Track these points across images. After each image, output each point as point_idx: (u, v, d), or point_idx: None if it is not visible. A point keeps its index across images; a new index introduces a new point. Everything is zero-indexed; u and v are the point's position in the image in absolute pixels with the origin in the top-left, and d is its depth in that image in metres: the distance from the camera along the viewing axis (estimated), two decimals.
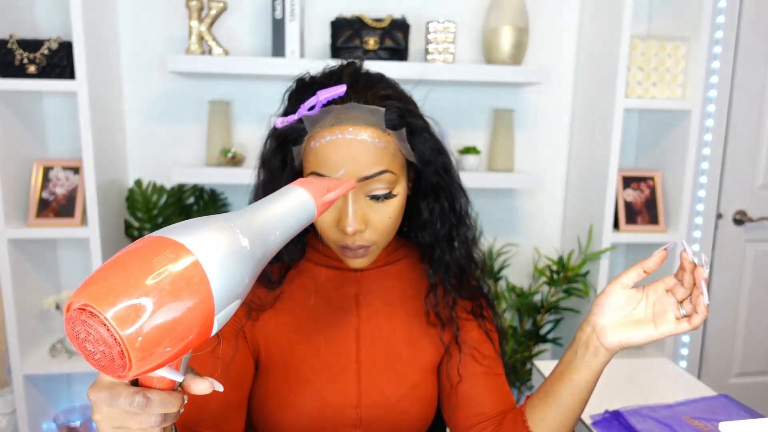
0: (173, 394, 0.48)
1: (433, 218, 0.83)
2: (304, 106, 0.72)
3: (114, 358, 0.40)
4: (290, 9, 1.69)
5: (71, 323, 0.40)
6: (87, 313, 0.39)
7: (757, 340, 2.26)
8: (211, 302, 0.43)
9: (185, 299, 0.41)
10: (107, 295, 0.39)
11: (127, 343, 0.39)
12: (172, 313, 0.40)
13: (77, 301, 0.40)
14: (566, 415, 0.73)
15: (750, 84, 2.08)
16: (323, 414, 0.82)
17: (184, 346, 0.43)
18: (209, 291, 0.42)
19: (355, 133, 0.71)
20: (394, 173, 0.74)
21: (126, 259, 0.41)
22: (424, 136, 0.77)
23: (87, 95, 1.57)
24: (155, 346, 0.40)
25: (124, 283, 0.39)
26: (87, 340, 0.40)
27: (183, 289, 0.41)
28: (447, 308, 0.86)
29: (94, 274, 0.41)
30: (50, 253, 1.85)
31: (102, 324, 0.39)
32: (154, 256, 0.41)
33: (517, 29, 1.76)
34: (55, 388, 1.90)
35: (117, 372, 0.41)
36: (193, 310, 0.42)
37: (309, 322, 0.84)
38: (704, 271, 0.64)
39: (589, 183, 1.92)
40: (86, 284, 0.40)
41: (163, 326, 0.40)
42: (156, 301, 0.40)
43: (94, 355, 0.40)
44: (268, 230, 0.49)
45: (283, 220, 0.51)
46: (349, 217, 0.72)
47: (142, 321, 0.39)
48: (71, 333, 0.41)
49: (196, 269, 0.42)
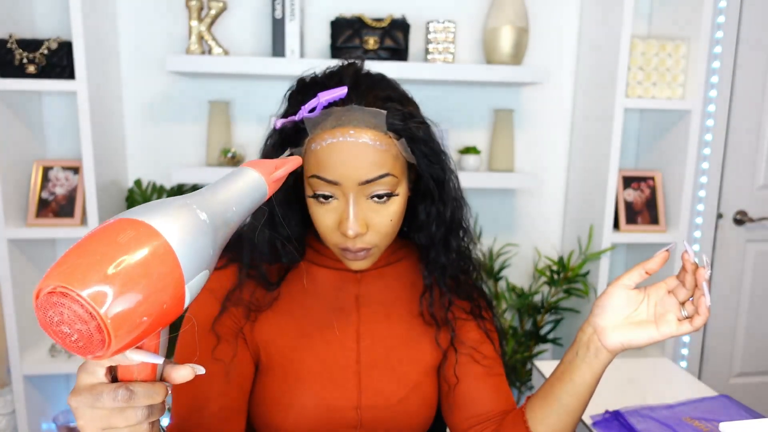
0: (156, 383, 0.48)
1: (430, 220, 0.83)
2: (304, 108, 0.71)
3: (92, 333, 0.41)
4: (290, 9, 1.69)
5: (43, 309, 0.41)
6: (58, 294, 0.40)
7: (757, 340, 2.26)
8: (178, 270, 0.44)
9: (154, 269, 0.43)
10: (75, 273, 0.40)
11: (102, 315, 0.40)
12: (143, 281, 0.42)
13: (46, 286, 0.40)
14: (567, 415, 0.73)
15: (750, 84, 2.08)
16: (323, 415, 0.82)
17: (159, 315, 0.44)
18: (176, 260, 0.44)
19: (356, 135, 0.71)
20: (396, 176, 0.74)
21: (89, 240, 0.43)
22: (424, 139, 0.76)
23: (87, 95, 1.57)
24: (131, 315, 0.41)
25: (91, 260, 0.41)
26: (62, 322, 0.41)
27: (150, 260, 0.43)
28: (442, 309, 0.86)
29: (60, 259, 0.42)
30: (50, 253, 1.85)
31: (75, 301, 0.40)
32: (117, 234, 0.43)
33: (517, 29, 1.76)
34: (55, 388, 1.89)
35: (97, 349, 0.42)
36: (163, 279, 0.43)
37: (309, 323, 0.84)
38: (706, 272, 0.64)
39: (589, 183, 1.92)
40: (53, 269, 0.41)
41: (136, 295, 0.41)
42: (126, 272, 0.41)
43: (71, 337, 0.41)
44: (224, 206, 0.51)
45: (239, 198, 0.53)
46: (350, 220, 0.72)
47: (114, 291, 0.40)
48: (44, 320, 0.41)
49: (159, 240, 0.44)
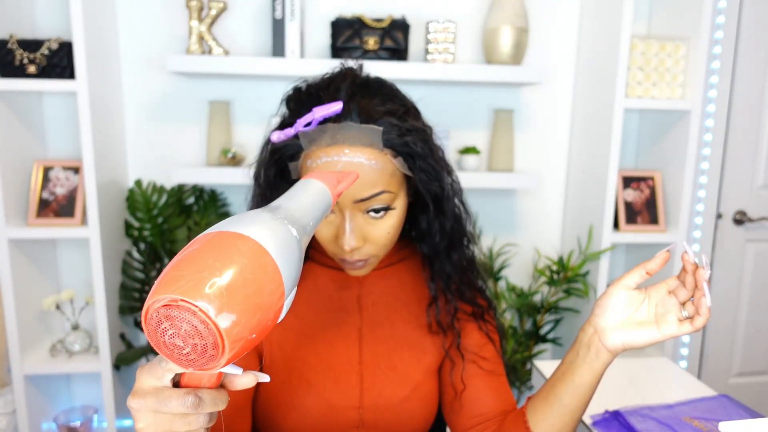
0: (221, 390, 0.48)
1: (432, 232, 0.83)
2: (300, 122, 0.71)
3: (207, 349, 0.41)
4: (290, 9, 1.69)
5: (155, 322, 0.41)
6: (175, 308, 0.40)
7: (757, 340, 2.26)
8: (282, 288, 0.45)
9: (266, 287, 0.43)
10: (197, 287, 0.40)
11: (223, 332, 0.40)
12: (256, 300, 0.42)
13: (162, 297, 0.40)
14: (567, 416, 0.73)
15: (750, 84, 2.08)
16: (326, 415, 0.82)
17: (264, 331, 0.44)
18: (280, 277, 0.44)
19: (351, 155, 0.70)
20: (392, 192, 0.73)
21: (199, 253, 0.42)
22: (422, 153, 0.74)
23: (87, 95, 1.57)
24: (246, 332, 0.42)
25: (210, 274, 0.40)
26: (177, 336, 0.40)
27: (262, 277, 0.43)
28: (448, 315, 0.86)
29: (170, 270, 0.41)
30: (50, 253, 1.85)
31: (196, 315, 0.40)
32: (228, 248, 0.42)
33: (517, 29, 1.76)
34: (55, 388, 1.90)
35: (207, 363, 0.42)
36: (271, 296, 0.44)
37: (312, 324, 0.84)
38: (705, 272, 0.64)
39: (589, 183, 1.92)
40: (168, 280, 0.40)
41: (250, 313, 0.42)
42: (242, 290, 0.41)
43: (183, 350, 0.41)
44: (305, 221, 0.52)
45: (313, 211, 0.54)
46: (346, 236, 0.72)
47: (233, 310, 0.40)
48: (154, 332, 0.41)
49: (267, 258, 0.44)
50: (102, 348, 1.70)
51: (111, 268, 1.76)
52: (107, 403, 1.73)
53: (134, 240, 1.84)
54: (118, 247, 1.81)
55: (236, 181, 1.74)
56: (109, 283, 1.72)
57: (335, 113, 0.71)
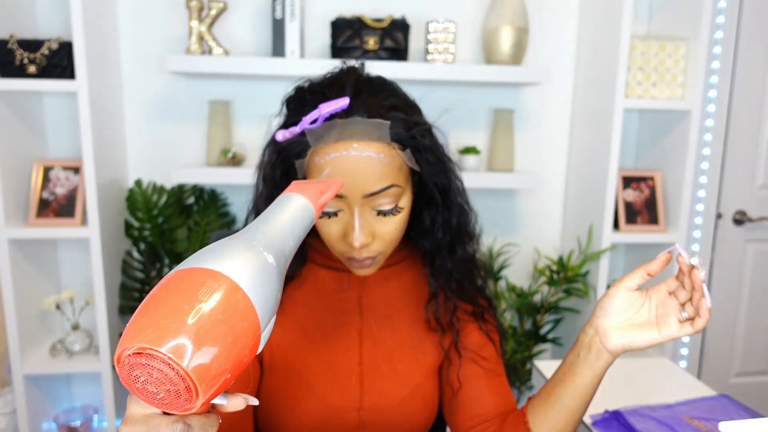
0: (210, 416, 0.48)
1: (435, 227, 0.83)
2: (306, 120, 0.71)
3: (180, 393, 0.40)
4: (290, 9, 1.69)
5: (127, 369, 0.40)
6: (146, 356, 0.39)
7: (757, 340, 2.26)
8: (257, 323, 0.44)
9: (237, 325, 0.42)
10: (163, 335, 0.39)
11: (194, 378, 0.40)
12: (228, 340, 0.41)
13: (131, 346, 0.40)
14: (568, 416, 0.73)
15: (750, 84, 2.08)
16: (326, 417, 0.82)
17: (239, 367, 0.44)
18: (254, 312, 0.44)
19: (359, 149, 0.70)
20: (400, 186, 0.73)
21: (167, 294, 0.42)
22: (428, 147, 0.76)
23: (87, 95, 1.57)
24: (219, 374, 0.41)
25: (177, 319, 0.40)
26: (149, 382, 0.40)
27: (233, 316, 0.42)
28: (448, 313, 0.86)
29: (138, 315, 0.41)
30: (50, 253, 1.85)
31: (165, 363, 0.39)
32: (197, 287, 0.42)
33: (517, 29, 1.76)
34: (55, 388, 1.90)
35: (183, 406, 0.41)
36: (245, 334, 0.43)
37: (312, 326, 0.84)
38: (700, 272, 0.64)
39: (589, 183, 1.92)
40: (135, 328, 0.40)
41: (222, 354, 0.41)
42: (212, 331, 0.40)
43: (157, 395, 0.41)
44: (283, 243, 0.50)
45: (293, 230, 0.52)
46: (355, 232, 0.72)
47: (204, 353, 0.40)
48: (127, 378, 0.41)
49: (239, 294, 0.43)
50: (102, 348, 1.70)
51: (111, 268, 1.76)
52: (107, 403, 1.73)
53: (134, 240, 1.84)
54: (118, 247, 1.81)
55: (236, 181, 1.74)
56: (109, 283, 1.72)
57: (342, 108, 0.71)
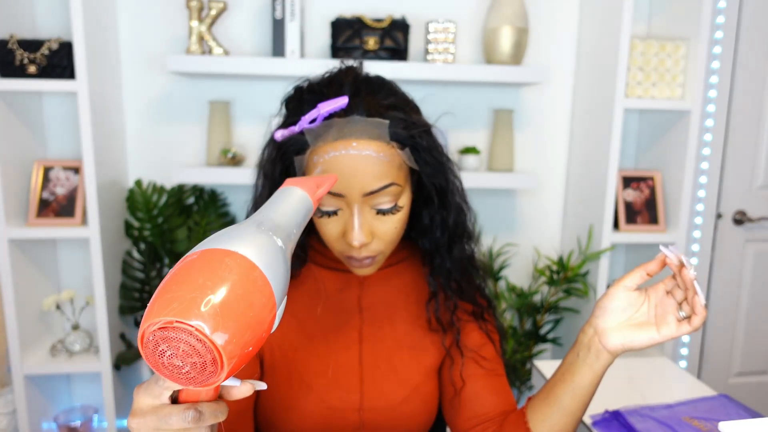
0: (220, 402, 0.49)
1: (434, 226, 0.83)
2: (305, 119, 0.71)
3: (206, 366, 0.42)
4: (290, 9, 1.69)
5: (152, 344, 0.42)
6: (171, 329, 0.41)
7: (757, 340, 2.26)
8: (273, 299, 0.46)
9: (257, 300, 0.44)
10: (190, 307, 0.41)
11: (221, 348, 0.41)
12: (249, 313, 0.43)
13: (157, 320, 0.41)
14: (567, 416, 0.73)
15: (750, 84, 2.08)
16: (326, 417, 0.82)
17: (259, 342, 0.45)
18: (271, 289, 0.46)
19: (359, 148, 0.70)
20: (399, 185, 0.73)
21: (189, 272, 0.43)
22: (427, 146, 0.76)
23: (87, 95, 1.57)
24: (243, 347, 0.43)
25: (201, 293, 0.41)
26: (175, 356, 0.42)
27: (253, 292, 0.44)
28: (448, 312, 0.86)
29: (161, 293, 0.42)
30: (50, 253, 1.85)
31: (192, 335, 0.41)
32: (217, 265, 0.44)
33: (517, 29, 1.76)
34: (55, 388, 1.90)
35: (207, 379, 0.43)
36: (263, 308, 0.45)
37: (312, 326, 0.84)
38: (690, 271, 0.64)
39: (589, 183, 1.92)
40: (160, 304, 0.41)
41: (244, 326, 0.43)
42: (234, 306, 0.42)
43: (182, 369, 0.42)
44: (288, 229, 0.53)
45: (295, 218, 0.55)
46: (355, 231, 0.72)
47: (228, 325, 0.41)
48: (152, 354, 0.42)
49: (256, 272, 0.45)
50: (102, 348, 1.70)
51: (111, 268, 1.76)
52: (107, 403, 1.73)
53: (134, 240, 1.84)
54: (118, 247, 1.82)
55: (236, 181, 1.74)
56: (109, 283, 1.72)
57: (341, 108, 0.71)
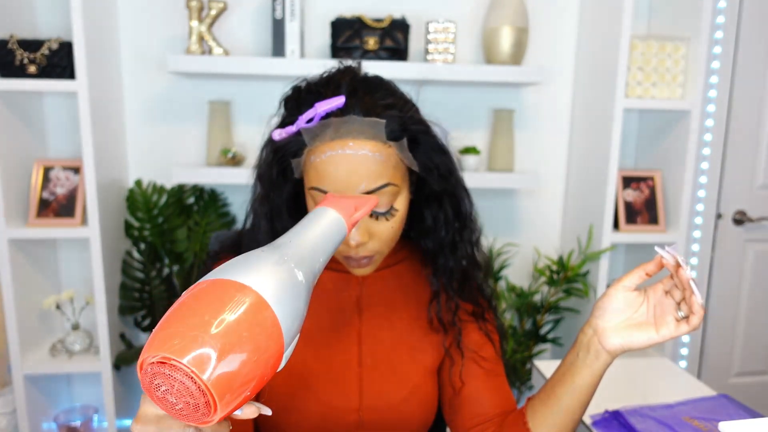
0: (222, 423, 0.48)
1: (437, 226, 0.83)
2: (302, 119, 0.71)
3: (199, 407, 0.40)
4: (290, 9, 1.69)
5: (149, 377, 0.40)
6: (169, 366, 0.39)
7: (757, 340, 2.26)
8: (281, 341, 0.43)
9: (262, 343, 0.41)
10: (189, 347, 0.39)
11: (215, 393, 0.39)
12: (252, 358, 0.41)
13: (155, 354, 0.39)
14: (567, 417, 0.73)
15: (750, 84, 2.08)
16: (325, 417, 0.82)
17: (259, 386, 0.43)
18: (280, 331, 0.43)
19: (355, 148, 0.70)
20: (396, 185, 0.73)
21: (195, 305, 0.41)
22: (425, 144, 0.76)
23: (87, 95, 1.57)
24: (240, 391, 0.41)
25: (203, 332, 0.39)
26: (169, 392, 0.40)
27: (260, 334, 0.41)
28: (449, 313, 0.86)
29: (165, 324, 0.40)
30: (50, 253, 1.85)
31: (187, 376, 0.39)
32: (225, 300, 0.41)
33: (517, 29, 1.76)
34: (55, 388, 1.90)
35: (200, 419, 0.41)
36: (268, 352, 0.42)
37: (311, 326, 0.84)
38: (686, 270, 0.64)
39: (589, 183, 1.92)
40: (161, 337, 0.40)
41: (245, 371, 0.40)
42: (237, 348, 0.40)
43: (176, 406, 0.40)
44: (315, 259, 0.49)
45: (324, 245, 0.51)
46: (352, 231, 0.72)
47: (227, 368, 0.39)
48: (148, 386, 0.40)
49: (267, 312, 0.42)
50: (102, 348, 1.70)
51: (111, 268, 1.76)
52: (107, 403, 1.73)
53: (134, 240, 1.84)
54: (118, 247, 1.82)
55: (236, 181, 1.74)
56: (109, 283, 1.72)
57: (338, 107, 0.71)
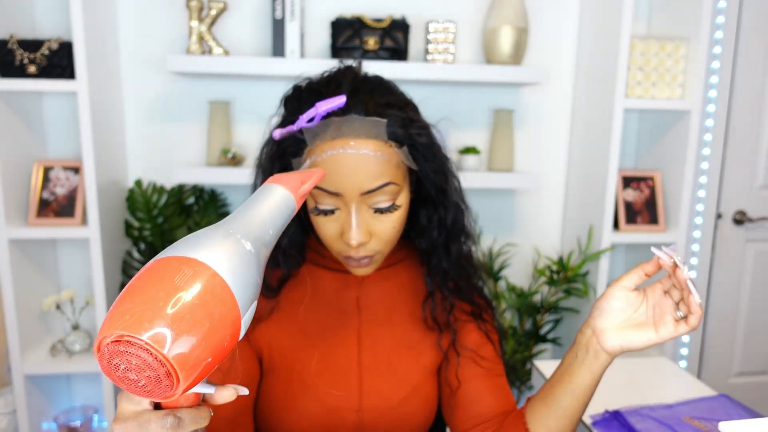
0: (201, 408, 0.48)
1: (432, 226, 0.83)
2: (303, 118, 0.71)
3: (161, 379, 0.41)
4: (290, 9, 1.69)
5: (107, 358, 0.41)
6: (124, 343, 0.40)
7: (757, 340, 2.26)
8: (236, 307, 0.44)
9: (215, 309, 0.43)
10: (141, 321, 0.40)
11: (174, 363, 0.40)
12: (206, 324, 0.42)
13: (110, 334, 0.40)
14: (566, 417, 0.73)
15: (750, 84, 2.08)
16: (325, 417, 0.82)
17: (220, 353, 0.44)
18: (233, 297, 0.44)
19: (356, 147, 0.70)
20: (397, 184, 0.73)
21: (145, 283, 0.42)
22: (425, 145, 0.76)
23: (87, 95, 1.57)
24: (199, 359, 0.42)
25: (153, 305, 0.40)
26: (129, 370, 0.41)
27: (210, 301, 0.42)
28: (444, 313, 0.86)
29: (117, 304, 0.41)
30: (50, 253, 1.85)
31: (143, 349, 0.40)
32: (173, 274, 0.42)
33: (517, 29, 1.76)
34: (55, 388, 1.90)
35: (164, 393, 0.42)
36: (224, 318, 0.43)
37: (311, 326, 0.84)
38: (682, 271, 0.64)
39: (589, 183, 1.92)
40: (113, 316, 0.41)
41: (201, 338, 0.41)
42: (189, 317, 0.41)
43: (138, 383, 0.41)
44: (262, 231, 0.51)
45: (273, 219, 0.53)
46: (352, 230, 0.72)
47: (182, 338, 0.40)
48: (108, 368, 0.41)
49: (216, 280, 0.43)
50: None
51: (111, 268, 1.76)
52: (107, 403, 1.73)
53: (134, 240, 1.84)
54: (118, 247, 1.82)
55: (236, 181, 1.74)
56: (109, 283, 1.72)
57: (339, 106, 0.71)
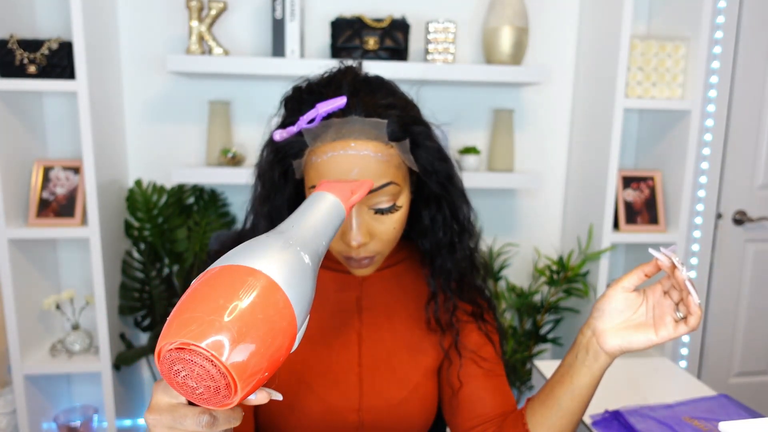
0: (235, 409, 0.49)
1: (435, 226, 0.83)
2: (303, 119, 0.71)
3: (220, 390, 0.41)
4: (290, 9, 1.69)
5: (168, 363, 0.41)
6: (188, 351, 0.40)
7: (757, 340, 2.26)
8: (294, 322, 0.44)
9: (276, 323, 0.42)
10: (207, 331, 0.39)
11: (235, 375, 0.40)
12: (267, 338, 0.42)
13: (173, 341, 0.40)
14: (566, 418, 0.73)
15: (750, 84, 2.08)
16: (325, 417, 0.82)
17: (275, 366, 0.44)
18: (292, 311, 0.44)
19: (357, 148, 0.70)
20: (398, 184, 0.73)
21: (209, 291, 0.42)
22: (426, 145, 0.76)
23: (87, 95, 1.57)
24: (257, 371, 0.42)
25: (219, 316, 0.40)
26: (189, 377, 0.41)
27: (272, 315, 0.42)
28: (447, 313, 0.86)
29: (180, 310, 0.41)
30: (50, 253, 1.85)
31: (207, 359, 0.39)
32: (238, 285, 0.42)
33: (517, 29, 1.76)
34: (55, 388, 1.90)
35: (220, 402, 0.42)
36: (283, 332, 0.43)
37: (311, 326, 0.84)
38: (681, 271, 0.64)
39: (589, 183, 1.92)
40: (178, 323, 0.40)
41: (261, 352, 0.41)
42: (253, 330, 0.41)
43: (196, 390, 0.41)
44: (317, 242, 0.51)
45: (325, 229, 0.53)
46: (353, 231, 0.72)
47: (243, 350, 0.40)
48: (168, 372, 0.41)
49: (279, 293, 0.43)
50: (102, 348, 1.70)
51: (111, 268, 1.76)
52: (107, 403, 1.74)
53: (134, 240, 1.84)
54: (118, 247, 1.82)
55: (236, 181, 1.74)
56: (109, 283, 1.72)
57: (339, 108, 0.71)
